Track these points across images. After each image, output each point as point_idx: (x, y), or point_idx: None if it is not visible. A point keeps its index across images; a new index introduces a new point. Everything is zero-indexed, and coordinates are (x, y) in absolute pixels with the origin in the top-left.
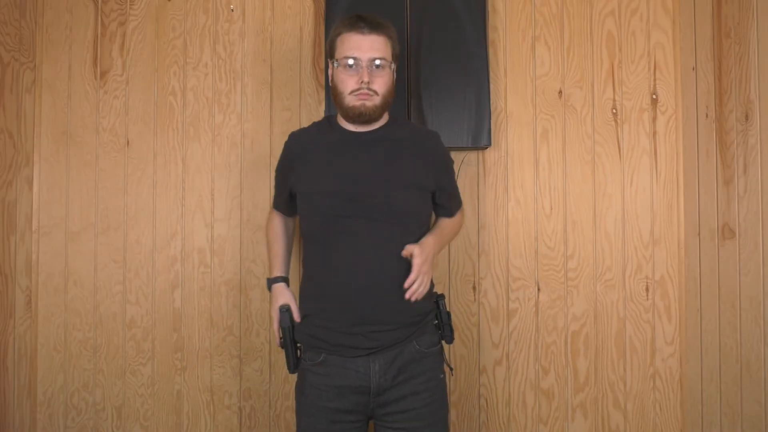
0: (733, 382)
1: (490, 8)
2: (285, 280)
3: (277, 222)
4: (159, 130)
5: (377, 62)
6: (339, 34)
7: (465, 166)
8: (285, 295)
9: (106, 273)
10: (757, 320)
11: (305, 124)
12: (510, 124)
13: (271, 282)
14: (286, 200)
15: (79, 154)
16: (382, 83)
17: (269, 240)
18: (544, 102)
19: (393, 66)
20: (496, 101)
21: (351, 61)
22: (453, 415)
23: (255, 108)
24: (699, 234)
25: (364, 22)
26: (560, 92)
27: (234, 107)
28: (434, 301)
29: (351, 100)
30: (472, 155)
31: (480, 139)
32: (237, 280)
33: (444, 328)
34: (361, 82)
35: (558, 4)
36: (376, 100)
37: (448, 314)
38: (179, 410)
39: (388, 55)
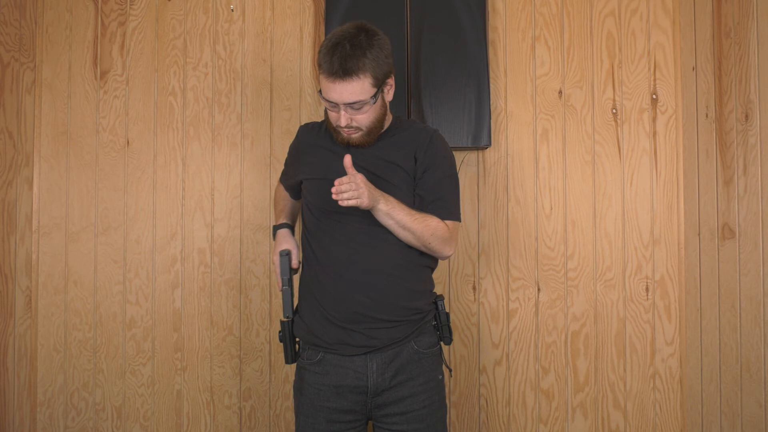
0: (733, 382)
1: (490, 8)
2: (290, 227)
3: (283, 190)
4: (159, 130)
5: (355, 105)
6: (319, 66)
7: (465, 166)
8: (288, 241)
9: (106, 273)
10: (757, 320)
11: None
12: (510, 124)
13: (276, 228)
14: (293, 185)
15: (79, 154)
16: (364, 118)
17: (276, 199)
18: (544, 102)
19: (377, 95)
20: (496, 101)
21: (331, 104)
22: (453, 415)
23: (255, 108)
24: (699, 234)
25: (338, 62)
26: (560, 92)
27: (234, 107)
28: (433, 301)
29: (339, 132)
30: (472, 155)
31: (480, 139)
32: (237, 280)
33: (443, 329)
34: (343, 122)
35: (558, 4)
36: (362, 133)
37: (447, 315)
38: (179, 410)
39: (367, 93)
